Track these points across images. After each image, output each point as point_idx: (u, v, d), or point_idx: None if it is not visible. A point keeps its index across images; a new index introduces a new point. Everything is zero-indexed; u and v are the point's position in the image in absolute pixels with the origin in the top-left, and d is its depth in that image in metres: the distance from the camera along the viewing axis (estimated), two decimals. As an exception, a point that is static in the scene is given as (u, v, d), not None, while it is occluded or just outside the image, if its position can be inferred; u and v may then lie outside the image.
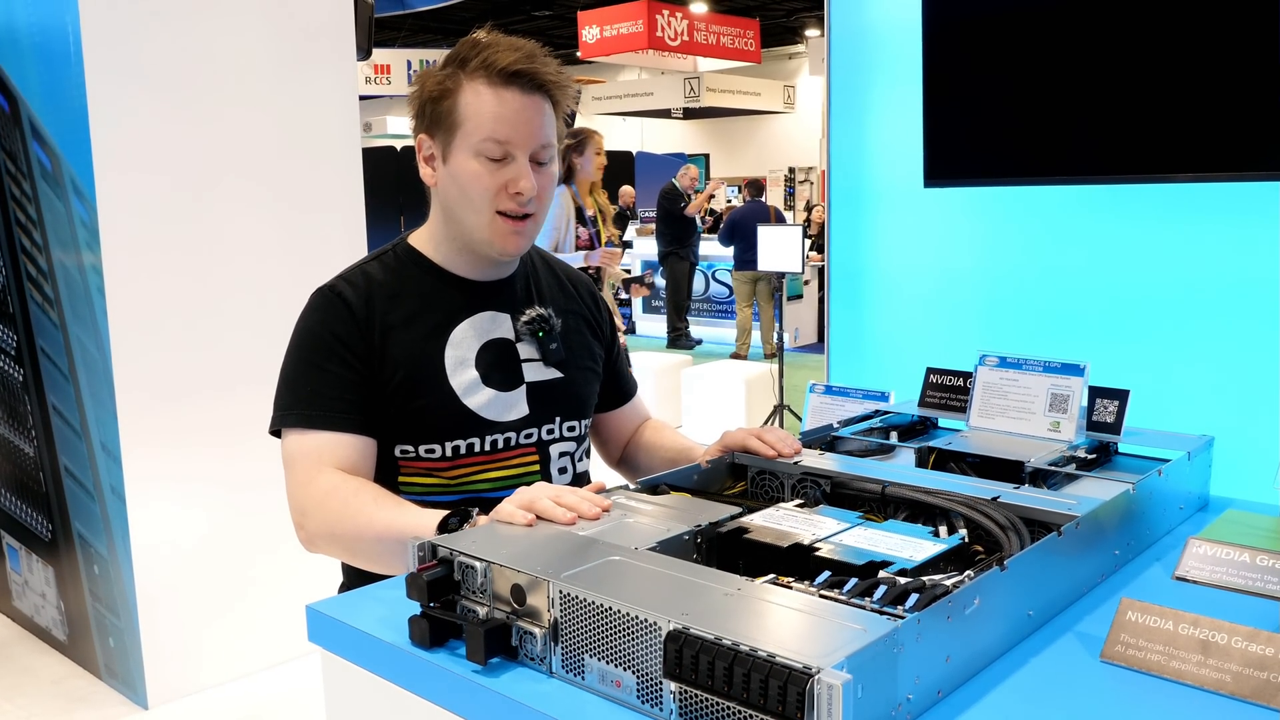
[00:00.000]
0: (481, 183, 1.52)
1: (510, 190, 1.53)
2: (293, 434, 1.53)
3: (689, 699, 0.92)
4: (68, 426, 3.29)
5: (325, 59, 3.44)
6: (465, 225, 1.57)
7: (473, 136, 1.51)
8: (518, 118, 1.51)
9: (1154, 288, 2.29)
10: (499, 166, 1.52)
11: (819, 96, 15.66)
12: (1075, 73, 2.11)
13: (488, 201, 1.53)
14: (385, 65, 17.39)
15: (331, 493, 1.46)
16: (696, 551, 1.24)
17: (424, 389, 1.56)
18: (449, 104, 1.52)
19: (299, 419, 1.52)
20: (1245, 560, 1.32)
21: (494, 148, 1.51)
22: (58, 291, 3.21)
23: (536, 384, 1.65)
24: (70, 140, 3.00)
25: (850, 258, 2.85)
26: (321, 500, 1.47)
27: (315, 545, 1.50)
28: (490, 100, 1.50)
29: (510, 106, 1.51)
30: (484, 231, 1.56)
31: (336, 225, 3.48)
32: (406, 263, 1.64)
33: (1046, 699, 1.03)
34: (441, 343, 1.59)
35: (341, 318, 1.55)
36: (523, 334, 1.65)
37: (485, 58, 1.50)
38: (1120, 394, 1.75)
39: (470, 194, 1.53)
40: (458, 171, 1.53)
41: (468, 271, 1.64)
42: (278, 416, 1.55)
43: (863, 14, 2.76)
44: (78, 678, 3.40)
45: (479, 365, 1.60)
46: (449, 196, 1.57)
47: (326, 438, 1.51)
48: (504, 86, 1.50)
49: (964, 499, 1.37)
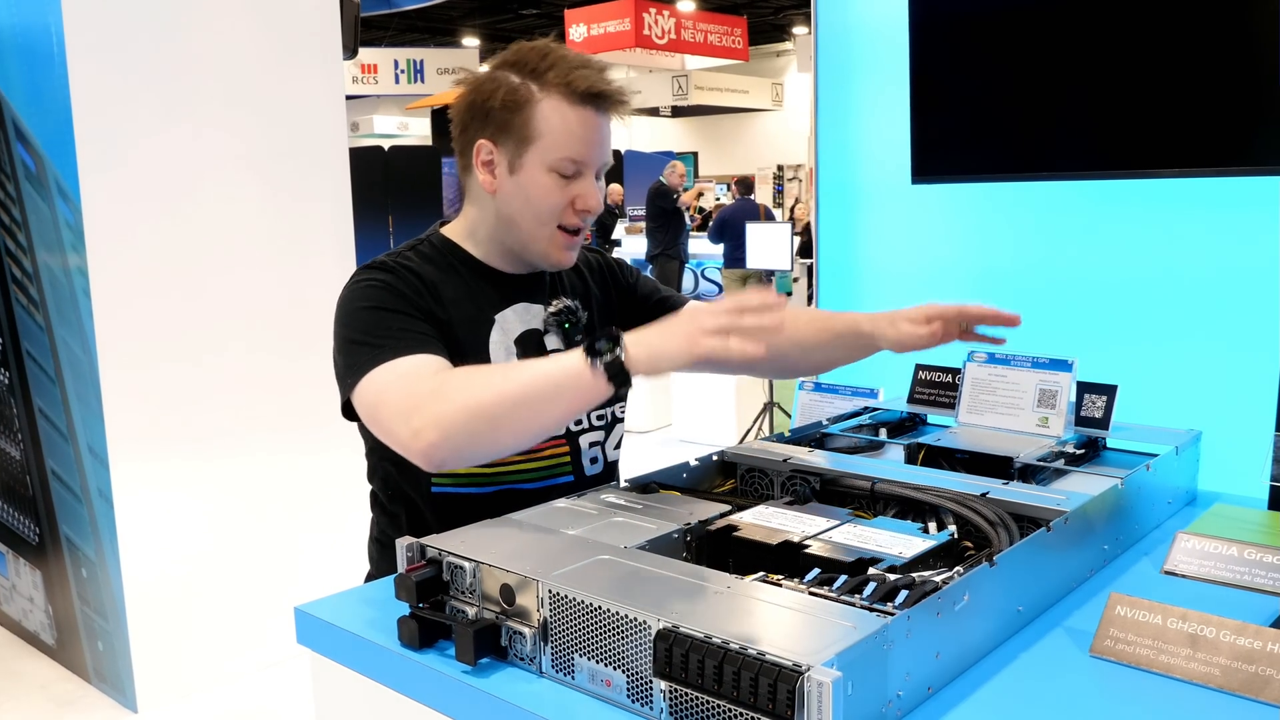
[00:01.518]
0: (553, 198, 1.53)
1: (578, 206, 1.54)
2: (377, 370, 1.40)
3: (679, 698, 0.92)
4: (54, 430, 3.27)
5: (311, 58, 3.43)
6: (523, 234, 1.57)
7: (550, 153, 1.51)
8: (595, 138, 1.53)
9: (1141, 283, 2.30)
10: (568, 183, 1.53)
11: (807, 94, 15.67)
12: (1061, 70, 2.12)
13: (553, 216, 1.54)
14: (372, 65, 17.35)
15: (445, 381, 1.36)
16: (686, 550, 1.24)
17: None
18: (525, 115, 1.51)
19: (388, 354, 1.41)
20: (1233, 554, 1.32)
21: (569, 166, 1.52)
22: (43, 294, 3.19)
23: None
24: (54, 142, 2.98)
25: (838, 254, 2.86)
26: (438, 390, 1.34)
27: (447, 437, 1.31)
28: (571, 119, 1.51)
29: (589, 126, 1.52)
30: (542, 244, 1.56)
31: (324, 225, 3.46)
32: (444, 253, 1.63)
33: (1036, 694, 1.04)
34: (485, 332, 1.58)
35: (406, 280, 1.53)
36: (550, 325, 1.64)
37: (564, 74, 1.50)
38: (1108, 389, 1.75)
39: (539, 208, 1.53)
40: (528, 183, 1.53)
41: (506, 268, 1.64)
42: (362, 364, 1.42)
43: (850, 12, 2.76)
44: (66, 681, 3.39)
45: (518, 355, 1.60)
46: (511, 205, 1.56)
47: (419, 359, 1.41)
48: (583, 105, 1.51)
49: (953, 495, 1.37)
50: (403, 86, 17.78)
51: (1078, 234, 2.39)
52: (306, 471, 3.38)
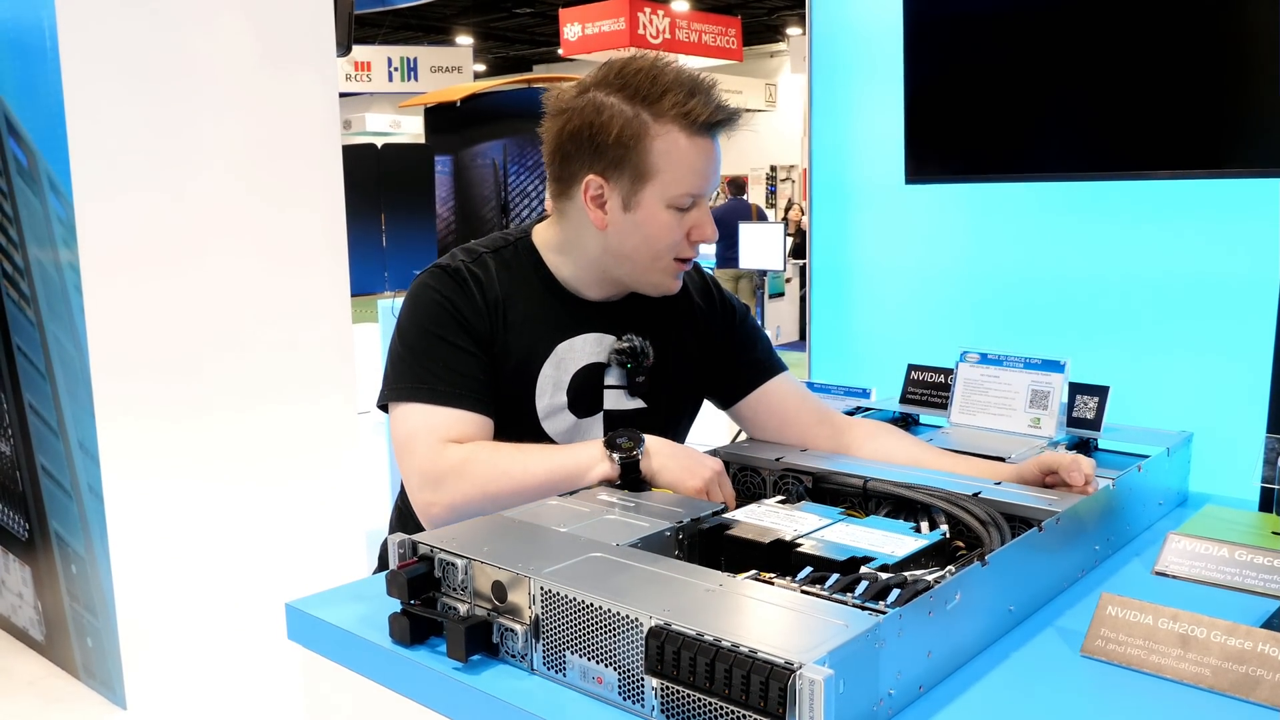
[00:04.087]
0: (673, 234, 1.49)
1: (694, 238, 1.51)
2: (416, 407, 1.46)
3: (671, 695, 0.92)
4: (44, 425, 3.26)
5: (305, 55, 3.42)
6: (638, 269, 1.53)
7: (670, 189, 1.46)
8: (711, 168, 1.49)
9: (1134, 285, 2.31)
10: (684, 215, 1.49)
11: (801, 95, 15.66)
12: (1055, 71, 2.12)
13: (672, 250, 1.51)
14: (365, 62, 17.31)
15: (468, 458, 1.41)
16: (678, 548, 1.24)
17: (511, 403, 1.52)
18: (641, 151, 1.44)
19: (428, 394, 1.45)
20: (1224, 555, 1.32)
21: (688, 200, 1.48)
22: (34, 289, 3.18)
23: (615, 413, 1.60)
24: (46, 137, 2.97)
25: (832, 255, 2.86)
26: (459, 469, 1.40)
27: (455, 514, 1.40)
28: (689, 153, 1.45)
29: (708, 158, 1.48)
30: (657, 276, 1.53)
31: (316, 222, 3.45)
32: (526, 265, 1.58)
33: (1027, 693, 1.04)
34: (543, 359, 1.54)
35: (464, 297, 1.51)
36: (613, 360, 1.59)
37: (682, 104, 1.44)
38: (1100, 390, 1.75)
39: (657, 246, 1.49)
40: (645, 221, 1.48)
41: (591, 294, 1.59)
42: (403, 390, 1.48)
43: (844, 12, 2.76)
44: (55, 678, 3.37)
45: (570, 389, 1.56)
46: (627, 243, 1.50)
47: (455, 415, 1.45)
48: (701, 136, 1.46)
49: (945, 494, 1.37)
50: (396, 84, 17.74)
51: (1071, 235, 2.40)
52: (298, 468, 3.37)
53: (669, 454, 1.41)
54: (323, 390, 3.35)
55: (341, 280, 3.48)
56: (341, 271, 3.48)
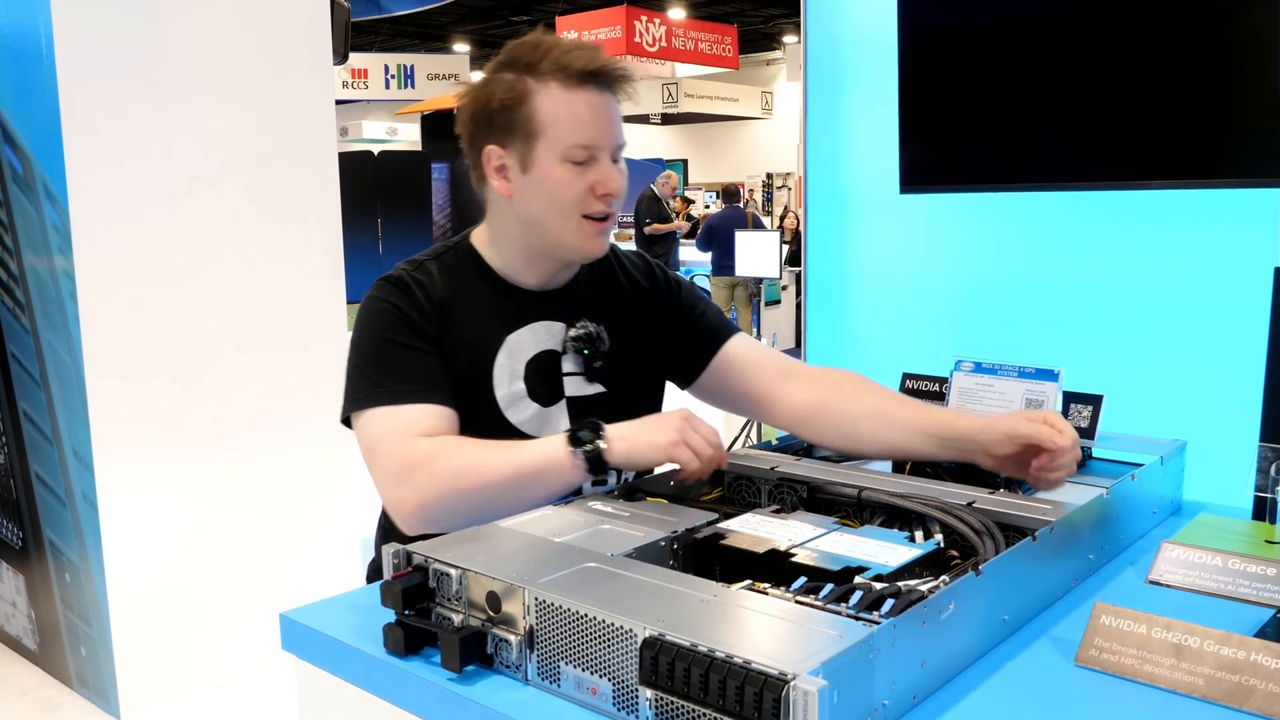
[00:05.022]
0: (572, 188, 1.50)
1: (599, 192, 1.51)
2: (379, 410, 1.46)
3: (665, 706, 0.92)
4: (39, 433, 3.25)
5: (301, 63, 3.42)
6: (550, 232, 1.54)
7: (559, 143, 1.48)
8: (599, 118, 1.50)
9: (1127, 294, 2.31)
10: (584, 169, 1.50)
11: (796, 103, 15.73)
12: (1050, 80, 2.13)
13: (575, 206, 1.51)
14: (362, 70, 17.32)
15: (435, 453, 1.41)
16: (673, 558, 1.24)
17: (469, 397, 1.53)
18: (525, 111, 1.48)
19: (387, 395, 1.46)
20: (1218, 564, 1.33)
21: (580, 152, 1.49)
22: (29, 297, 3.17)
23: (577, 399, 1.62)
24: (42, 144, 2.97)
25: (827, 263, 2.86)
26: (427, 464, 1.40)
27: (428, 511, 1.40)
28: (571, 103, 1.48)
29: (593, 107, 1.49)
30: (571, 237, 1.54)
31: (312, 230, 3.45)
32: (467, 265, 1.61)
33: (1021, 703, 1.04)
34: (494, 351, 1.56)
35: (416, 303, 1.53)
36: (569, 348, 1.61)
37: (557, 59, 1.47)
38: (1094, 399, 1.76)
39: (560, 200, 1.51)
40: (543, 179, 1.50)
41: (529, 281, 1.61)
42: (363, 397, 1.48)
43: (840, 21, 2.77)
44: (48, 687, 3.36)
45: (527, 378, 1.58)
46: (532, 206, 1.53)
47: (416, 410, 1.45)
48: (580, 87, 1.48)
49: (939, 504, 1.37)
50: (393, 92, 17.76)
51: (1065, 244, 2.40)
52: (292, 478, 3.36)
53: (628, 433, 1.39)
54: (318, 398, 3.34)
55: (338, 288, 3.48)
56: (338, 279, 3.48)
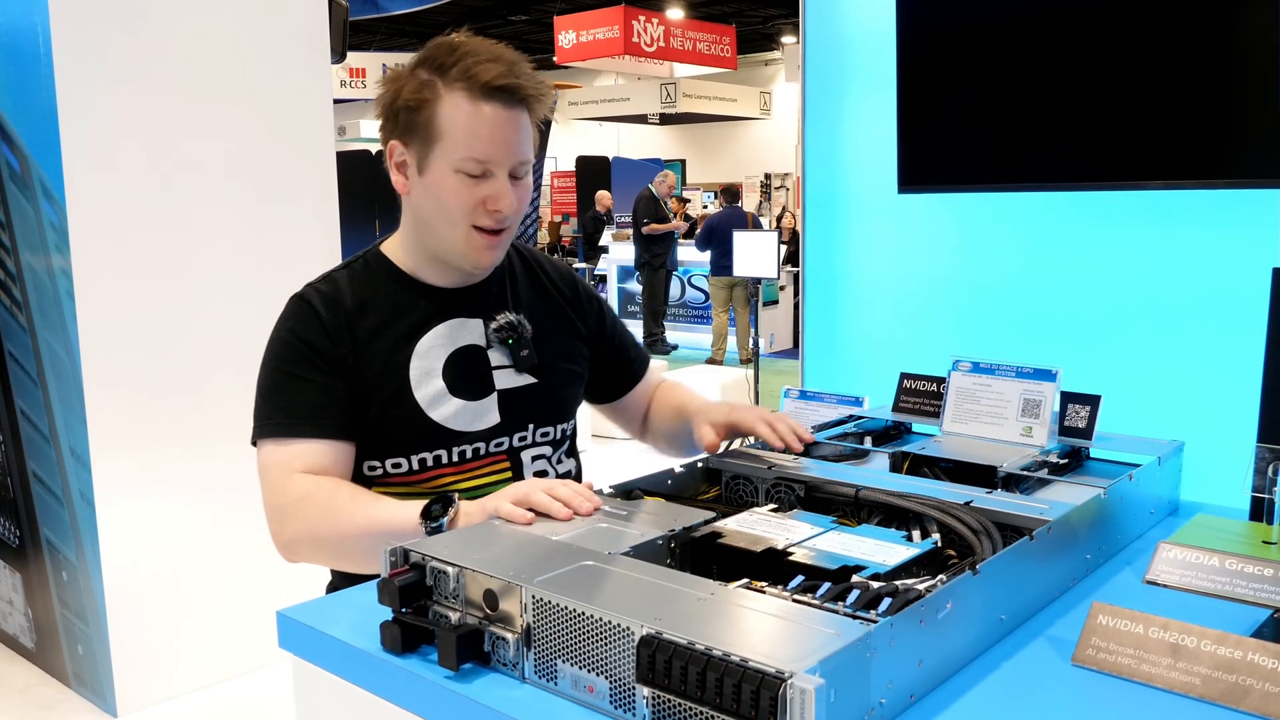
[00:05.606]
0: (460, 198, 1.48)
1: (489, 207, 1.50)
2: (269, 444, 1.50)
3: (662, 704, 0.92)
4: (36, 432, 3.25)
5: (300, 62, 3.42)
6: (439, 237, 1.54)
7: (453, 153, 1.46)
8: (498, 135, 1.47)
9: (1125, 294, 2.31)
10: (477, 182, 1.48)
11: (795, 103, 15.72)
12: (1048, 81, 2.13)
13: (464, 217, 1.50)
14: (360, 69, 17.30)
15: (307, 496, 1.44)
16: (670, 556, 1.24)
17: (389, 402, 1.54)
18: (427, 114, 1.47)
19: (275, 429, 1.50)
20: (1215, 564, 1.32)
21: (474, 165, 1.47)
22: (26, 295, 3.17)
23: (508, 391, 1.63)
24: (39, 142, 2.97)
25: (825, 263, 2.86)
26: (297, 505, 1.45)
27: (295, 552, 1.48)
28: (472, 116, 1.45)
29: (491, 123, 1.46)
30: (459, 245, 1.53)
31: (311, 229, 3.45)
32: (376, 271, 1.61)
33: (1018, 702, 1.04)
34: (407, 354, 1.56)
35: (311, 326, 1.53)
36: (493, 341, 1.62)
37: (466, 69, 1.45)
38: (1092, 399, 1.76)
39: (448, 209, 1.50)
40: (434, 185, 1.49)
41: (438, 279, 1.61)
42: (255, 428, 1.53)
43: (838, 21, 2.77)
44: (45, 685, 3.36)
45: (446, 375, 1.57)
46: (423, 208, 1.53)
47: (300, 446, 1.49)
48: (485, 101, 1.46)
49: (937, 503, 1.37)
50: (391, 91, 17.71)
51: (1062, 245, 2.41)
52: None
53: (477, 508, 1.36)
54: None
55: (335, 287, 3.47)
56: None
